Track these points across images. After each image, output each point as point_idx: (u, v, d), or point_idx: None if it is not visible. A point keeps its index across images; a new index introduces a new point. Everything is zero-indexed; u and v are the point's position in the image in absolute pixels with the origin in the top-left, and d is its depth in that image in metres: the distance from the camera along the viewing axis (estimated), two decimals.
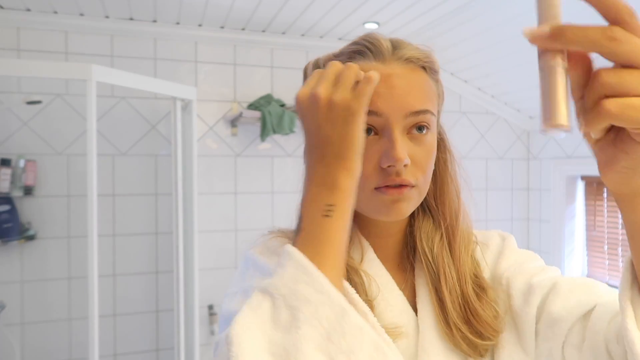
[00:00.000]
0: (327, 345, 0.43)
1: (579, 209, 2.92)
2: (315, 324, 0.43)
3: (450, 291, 0.61)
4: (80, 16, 2.30)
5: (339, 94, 0.50)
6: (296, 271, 0.46)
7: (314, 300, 0.44)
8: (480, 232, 0.72)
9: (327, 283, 0.45)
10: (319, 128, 0.51)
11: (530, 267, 0.63)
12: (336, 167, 0.50)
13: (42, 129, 2.28)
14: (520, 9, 1.99)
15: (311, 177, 0.52)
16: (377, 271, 0.63)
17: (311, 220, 0.50)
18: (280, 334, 0.43)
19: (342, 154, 0.50)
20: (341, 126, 0.50)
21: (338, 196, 0.50)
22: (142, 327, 2.45)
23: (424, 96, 0.59)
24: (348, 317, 0.44)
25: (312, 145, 0.52)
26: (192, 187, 2.29)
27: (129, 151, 2.42)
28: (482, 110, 3.06)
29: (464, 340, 0.59)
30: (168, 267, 2.46)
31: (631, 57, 0.35)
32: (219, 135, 2.56)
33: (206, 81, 2.54)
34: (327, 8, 2.22)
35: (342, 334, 0.43)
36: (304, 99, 0.52)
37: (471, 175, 2.50)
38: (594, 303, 0.56)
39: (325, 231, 0.49)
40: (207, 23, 2.44)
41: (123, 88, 2.09)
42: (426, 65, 0.61)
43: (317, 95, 0.50)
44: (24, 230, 2.23)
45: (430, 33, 2.43)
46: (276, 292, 0.46)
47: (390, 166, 0.55)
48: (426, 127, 0.59)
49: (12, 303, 2.23)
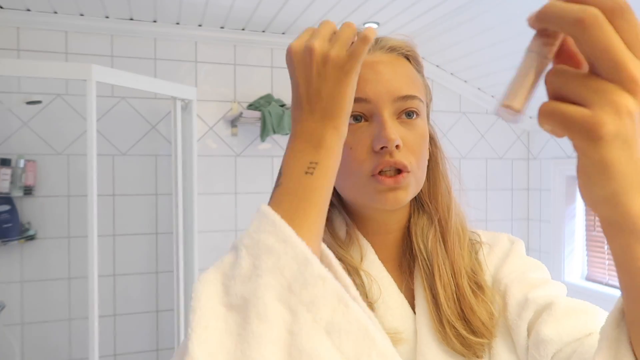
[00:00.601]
0: (288, 296, 0.41)
1: (579, 209, 2.92)
2: (277, 274, 0.41)
3: (444, 287, 0.60)
4: (80, 16, 2.30)
5: (334, 50, 0.48)
6: (259, 222, 0.45)
7: (277, 249, 0.42)
8: (489, 233, 0.71)
9: (290, 232, 0.43)
10: (310, 82, 0.48)
11: (532, 277, 0.61)
12: (324, 125, 0.48)
13: (42, 129, 2.28)
14: (520, 9, 1.99)
15: (296, 131, 0.49)
16: (378, 273, 0.62)
17: (292, 176, 0.48)
18: (240, 283, 0.41)
19: (332, 111, 0.48)
20: (333, 83, 0.48)
21: (322, 154, 0.48)
22: (142, 327, 2.45)
23: (410, 82, 0.59)
24: (311, 267, 0.42)
25: (300, 99, 0.50)
26: (192, 187, 2.29)
27: (129, 151, 2.42)
28: (482, 110, 3.06)
29: (457, 339, 0.58)
30: (168, 267, 2.46)
31: (594, 51, 0.30)
32: (219, 135, 2.56)
33: (206, 81, 2.54)
34: (327, 8, 2.22)
35: (304, 284, 0.41)
36: (298, 51, 0.49)
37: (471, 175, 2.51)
38: (588, 331, 0.53)
39: (305, 188, 0.47)
40: (207, 23, 2.44)
41: (123, 88, 2.09)
42: (409, 55, 0.62)
43: (311, 48, 0.48)
44: (24, 230, 2.23)
45: (430, 33, 2.43)
46: (240, 244, 0.44)
47: (382, 147, 0.55)
48: (415, 112, 0.59)
49: (12, 303, 2.23)
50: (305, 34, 0.50)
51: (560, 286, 0.62)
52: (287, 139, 0.51)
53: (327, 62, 0.48)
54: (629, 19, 0.31)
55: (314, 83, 0.48)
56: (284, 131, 2.42)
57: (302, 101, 0.49)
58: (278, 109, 2.43)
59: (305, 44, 0.49)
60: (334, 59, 0.47)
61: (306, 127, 0.49)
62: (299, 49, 0.49)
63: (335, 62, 0.47)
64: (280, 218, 0.44)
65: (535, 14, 0.34)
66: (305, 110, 0.49)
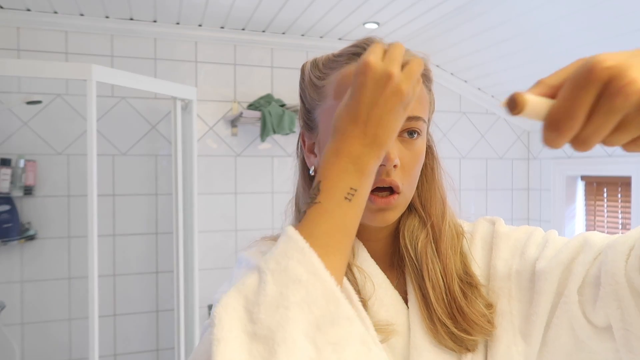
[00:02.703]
0: (315, 333, 0.40)
1: (579, 209, 2.92)
2: (305, 308, 0.41)
3: (433, 287, 0.61)
4: (80, 16, 2.30)
5: (406, 85, 0.49)
6: (287, 246, 0.44)
7: (305, 281, 0.42)
8: (469, 223, 0.71)
9: (320, 264, 0.43)
10: (376, 106, 0.48)
11: (532, 251, 0.62)
12: (371, 151, 0.49)
13: (42, 129, 2.28)
14: (520, 9, 1.99)
15: (343, 148, 0.49)
16: (371, 270, 0.63)
17: (332, 198, 0.47)
18: (265, 312, 0.41)
19: (382, 140, 0.49)
20: (394, 116, 0.49)
21: (363, 182, 0.49)
22: (142, 327, 2.45)
23: (419, 103, 0.60)
24: (340, 306, 0.42)
25: (357, 117, 0.49)
26: (192, 187, 2.29)
27: (129, 151, 2.42)
28: (482, 110, 3.06)
29: (449, 336, 0.58)
30: (168, 267, 2.46)
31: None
32: (219, 135, 2.56)
33: (206, 81, 2.54)
34: (327, 8, 2.22)
35: (332, 323, 0.41)
36: (376, 71, 0.48)
37: (471, 175, 2.52)
38: (598, 250, 0.55)
39: (344, 216, 0.47)
40: (207, 23, 2.44)
41: (123, 88, 2.09)
42: (423, 73, 0.62)
43: (390, 75, 0.48)
44: (24, 230, 2.23)
45: (430, 33, 2.43)
46: (264, 266, 0.43)
47: (381, 165, 0.56)
48: (417, 133, 0.60)
49: (12, 303, 2.23)
50: (379, 51, 0.50)
51: (553, 236, 0.63)
52: (287, 139, 0.51)
53: (398, 94, 0.48)
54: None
55: (379, 108, 0.48)
56: (284, 131, 2.42)
57: (359, 120, 0.49)
58: (278, 109, 2.43)
59: (384, 67, 0.48)
60: (405, 93, 0.49)
61: (354, 148, 0.49)
62: (378, 70, 0.48)
63: (404, 97, 0.49)
64: (309, 247, 0.44)
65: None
66: (360, 129, 0.49)
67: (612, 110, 0.32)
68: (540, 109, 0.35)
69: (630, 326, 0.49)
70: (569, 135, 0.34)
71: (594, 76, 0.32)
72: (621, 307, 0.50)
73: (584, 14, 1.89)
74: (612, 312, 0.51)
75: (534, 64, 2.44)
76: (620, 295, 0.50)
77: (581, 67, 0.33)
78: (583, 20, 1.93)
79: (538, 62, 2.40)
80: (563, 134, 0.34)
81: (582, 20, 1.93)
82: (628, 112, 0.33)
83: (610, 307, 0.51)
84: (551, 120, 0.34)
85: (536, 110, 0.35)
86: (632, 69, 0.32)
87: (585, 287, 0.54)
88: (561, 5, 1.87)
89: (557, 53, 2.25)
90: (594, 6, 1.80)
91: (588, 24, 1.94)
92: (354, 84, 0.50)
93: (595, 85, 0.32)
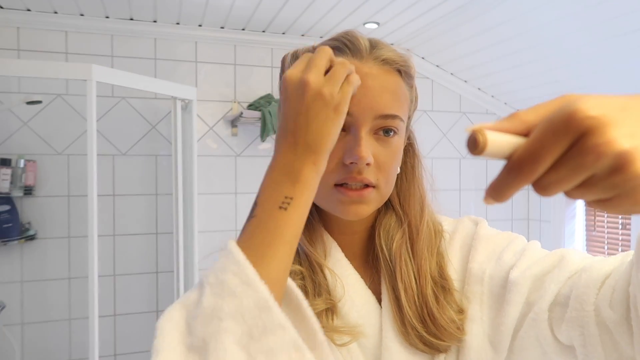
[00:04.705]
0: (248, 342, 0.42)
1: (579, 209, 2.92)
2: (239, 318, 0.42)
3: (406, 289, 0.60)
4: (80, 16, 2.30)
5: (328, 88, 0.49)
6: (226, 259, 0.45)
7: (240, 292, 0.43)
8: (452, 221, 0.70)
9: (254, 275, 0.44)
10: (299, 115, 0.49)
11: (506, 259, 0.61)
12: (304, 159, 0.49)
13: (42, 129, 2.28)
14: (520, 9, 1.99)
15: (276, 162, 0.50)
16: (344, 271, 0.63)
17: (266, 208, 0.48)
18: (201, 324, 0.42)
19: (315, 147, 0.49)
20: (322, 120, 0.49)
21: (298, 189, 0.48)
22: (142, 327, 2.45)
23: (395, 101, 0.58)
24: (271, 313, 0.42)
25: (286, 130, 0.50)
26: (192, 187, 2.29)
27: (129, 151, 2.42)
28: (482, 110, 3.06)
29: (420, 339, 0.58)
30: (168, 267, 2.46)
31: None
32: (219, 135, 2.56)
33: (206, 81, 2.54)
34: (327, 8, 2.22)
35: (264, 331, 0.42)
36: (293, 82, 0.50)
37: (471, 175, 2.52)
38: (573, 270, 0.54)
39: (278, 224, 0.47)
40: (207, 23, 2.44)
41: (123, 88, 2.09)
42: (402, 69, 0.60)
43: (306, 82, 0.49)
44: (24, 230, 2.23)
45: (430, 33, 2.43)
46: (205, 281, 0.45)
47: (352, 163, 0.56)
48: (393, 131, 0.59)
49: (12, 303, 2.23)
50: (302, 63, 0.51)
51: (533, 246, 0.62)
52: None
53: (320, 98, 0.48)
54: None
55: (302, 116, 0.49)
56: None
57: (288, 133, 0.50)
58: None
59: (301, 75, 0.49)
60: (327, 96, 0.48)
61: (286, 159, 0.49)
62: (294, 80, 0.50)
63: (328, 100, 0.48)
64: (245, 258, 0.45)
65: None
66: (289, 142, 0.49)
67: (580, 166, 0.29)
68: (504, 148, 0.32)
69: (591, 354, 0.49)
70: (530, 178, 0.31)
71: (572, 124, 0.29)
72: (584, 334, 0.50)
73: (584, 14, 1.89)
74: (575, 337, 0.50)
75: (534, 64, 2.44)
76: (585, 322, 0.49)
77: (561, 110, 0.30)
78: (583, 20, 1.93)
79: (538, 62, 2.40)
80: (524, 177, 0.31)
81: (582, 20, 1.93)
82: (596, 173, 0.30)
83: (574, 331, 0.51)
84: (514, 161, 0.31)
85: (500, 151, 0.32)
86: (614, 127, 0.29)
87: (555, 306, 0.54)
88: (561, 5, 1.87)
89: (557, 53, 2.25)
90: (594, 6, 1.80)
91: (588, 24, 1.94)
92: (280, 101, 0.51)
93: (571, 135, 0.29)
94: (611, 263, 0.52)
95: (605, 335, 0.48)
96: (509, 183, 0.32)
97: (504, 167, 0.32)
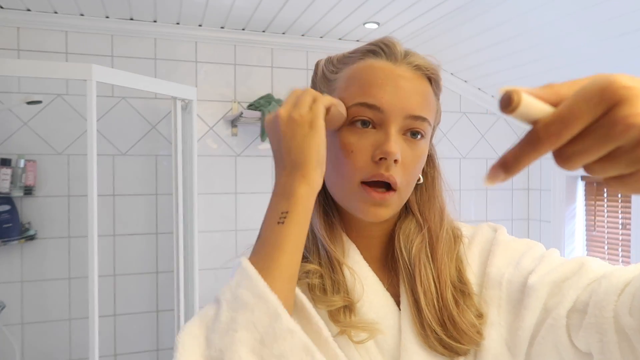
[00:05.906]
0: (260, 349, 0.46)
1: (579, 209, 2.92)
2: (251, 328, 0.47)
3: (425, 292, 0.61)
4: (80, 16, 2.30)
5: (296, 112, 0.55)
6: (240, 276, 0.50)
7: (251, 304, 0.48)
8: (471, 227, 0.71)
9: (264, 287, 0.48)
10: (280, 141, 0.55)
11: (527, 263, 0.61)
12: (294, 176, 0.54)
13: (42, 129, 2.28)
14: (520, 9, 1.99)
15: (274, 188, 0.56)
16: (363, 272, 0.63)
17: (266, 227, 0.54)
18: (219, 337, 0.47)
19: (300, 162, 0.54)
20: (300, 138, 0.54)
21: (292, 203, 0.53)
22: (142, 327, 2.45)
23: (425, 104, 0.61)
24: (280, 321, 0.47)
25: (276, 160, 0.57)
26: (192, 187, 2.29)
27: (129, 151, 2.42)
28: (482, 110, 3.06)
29: (439, 342, 0.59)
30: (168, 267, 2.46)
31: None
32: (219, 135, 2.56)
33: (206, 81, 2.54)
34: (327, 8, 2.22)
35: (275, 337, 0.46)
36: (269, 120, 0.57)
37: (471, 175, 2.51)
38: (593, 277, 0.54)
39: (277, 237, 0.52)
40: (207, 23, 2.44)
41: (123, 88, 2.09)
42: (432, 77, 0.64)
43: (278, 114, 0.56)
44: (24, 230, 2.23)
45: (430, 33, 2.43)
46: (222, 297, 0.50)
47: (382, 159, 0.57)
48: (421, 134, 0.61)
49: (12, 303, 2.23)
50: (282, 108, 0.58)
51: (552, 253, 0.62)
52: None
53: (291, 122, 0.55)
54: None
55: (284, 142, 0.55)
56: None
57: (278, 161, 0.57)
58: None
59: (273, 113, 0.57)
60: (297, 118, 0.55)
61: (281, 182, 0.55)
62: (270, 118, 0.57)
63: (299, 120, 0.54)
64: (256, 273, 0.50)
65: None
66: (281, 167, 0.56)
67: (607, 136, 0.29)
68: (534, 112, 0.31)
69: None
70: (554, 143, 0.31)
71: (606, 93, 0.29)
72: (602, 341, 0.49)
73: (584, 14, 1.89)
74: (593, 343, 0.50)
75: (534, 64, 2.43)
76: (604, 329, 0.49)
77: (597, 81, 0.30)
78: (583, 20, 1.93)
79: (538, 62, 2.40)
80: (549, 141, 0.30)
81: (582, 20, 1.93)
82: (622, 145, 0.30)
83: (592, 337, 0.50)
84: (542, 124, 0.31)
85: (530, 113, 0.31)
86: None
87: (574, 312, 0.54)
88: (561, 5, 1.87)
89: (557, 53, 2.25)
90: (594, 6, 1.80)
91: (588, 24, 1.94)
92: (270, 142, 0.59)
93: (604, 103, 0.29)
94: (631, 271, 0.52)
95: (623, 342, 0.48)
96: (529, 151, 0.31)
97: (526, 135, 0.32)
